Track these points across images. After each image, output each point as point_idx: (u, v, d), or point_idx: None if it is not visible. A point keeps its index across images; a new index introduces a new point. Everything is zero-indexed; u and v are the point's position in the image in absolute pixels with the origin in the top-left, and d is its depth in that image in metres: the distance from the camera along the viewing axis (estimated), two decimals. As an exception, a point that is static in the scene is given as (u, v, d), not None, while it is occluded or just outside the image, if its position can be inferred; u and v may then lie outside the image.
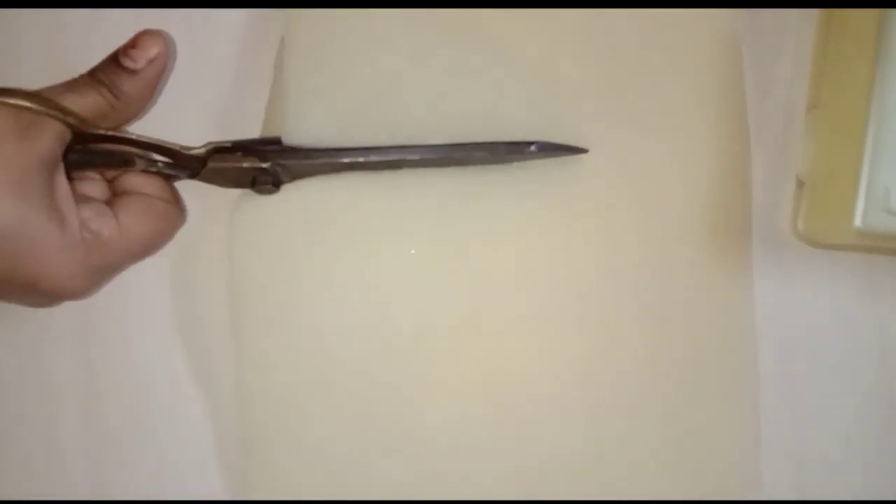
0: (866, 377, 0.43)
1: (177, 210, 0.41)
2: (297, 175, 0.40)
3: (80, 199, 0.38)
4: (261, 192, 0.40)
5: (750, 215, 0.42)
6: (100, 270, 0.38)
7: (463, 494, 0.41)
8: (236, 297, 0.41)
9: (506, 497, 0.41)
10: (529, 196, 0.41)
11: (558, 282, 0.41)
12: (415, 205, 0.41)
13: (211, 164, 0.40)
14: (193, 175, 0.40)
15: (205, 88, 0.43)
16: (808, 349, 0.42)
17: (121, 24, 0.42)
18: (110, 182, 0.40)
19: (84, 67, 0.42)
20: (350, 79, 0.40)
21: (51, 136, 0.36)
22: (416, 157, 0.40)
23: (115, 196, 0.40)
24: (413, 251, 0.41)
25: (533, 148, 0.40)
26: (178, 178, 0.41)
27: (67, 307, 0.42)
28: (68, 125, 0.37)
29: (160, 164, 0.40)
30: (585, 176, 0.41)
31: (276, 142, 0.40)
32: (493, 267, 0.41)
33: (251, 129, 0.42)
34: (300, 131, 0.40)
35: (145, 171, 0.40)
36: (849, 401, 0.43)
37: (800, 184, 0.42)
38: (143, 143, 0.39)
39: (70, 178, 0.37)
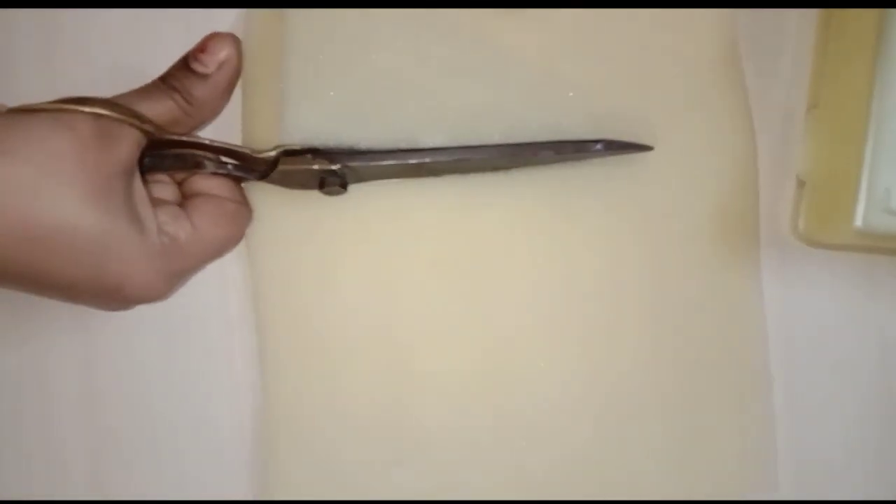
0: (866, 377, 0.42)
1: (247, 211, 0.41)
2: (363, 177, 0.40)
3: (155, 202, 0.37)
4: (329, 193, 0.40)
5: (757, 216, 0.42)
6: (177, 274, 0.38)
7: (468, 497, 0.41)
8: (253, 300, 0.42)
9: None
10: (530, 200, 0.41)
11: (562, 285, 0.41)
12: (420, 214, 0.41)
13: (281, 167, 0.39)
14: (262, 177, 0.40)
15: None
16: (808, 349, 0.42)
17: (120, 25, 0.43)
18: (179, 184, 0.40)
19: (81, 67, 0.42)
20: (348, 79, 0.40)
21: (129, 143, 0.36)
22: (482, 156, 0.40)
23: (185, 198, 0.39)
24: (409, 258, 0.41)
25: (599, 146, 0.40)
26: (246, 179, 0.40)
27: (67, 307, 0.42)
28: (144, 132, 0.37)
29: (230, 167, 0.40)
30: (587, 178, 0.41)
31: (344, 145, 0.40)
32: (496, 272, 0.41)
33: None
34: (297, 132, 0.40)
35: (215, 174, 0.39)
36: (849, 401, 0.42)
37: (800, 184, 0.42)
38: (216, 147, 0.39)
39: (144, 182, 0.37)
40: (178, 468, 0.43)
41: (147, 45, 0.43)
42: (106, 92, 0.36)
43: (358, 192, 0.41)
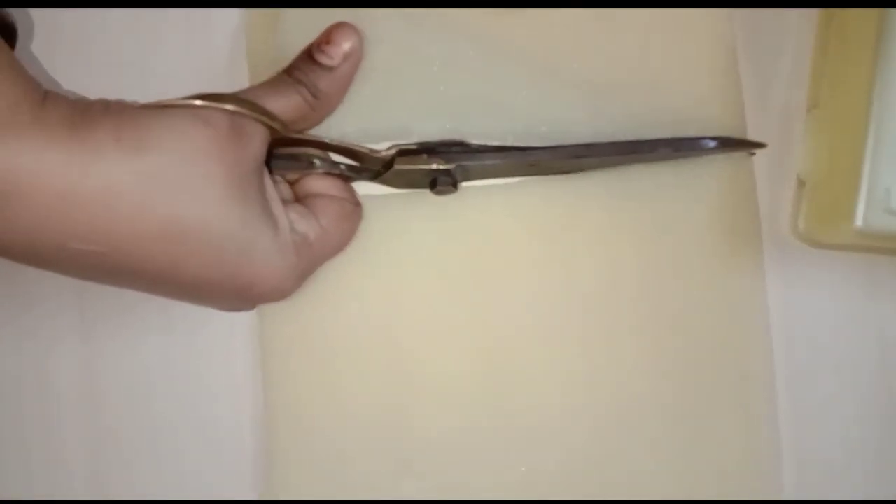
0: (866, 377, 0.42)
1: (360, 211, 0.40)
2: (472, 176, 0.40)
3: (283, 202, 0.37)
4: (440, 193, 0.40)
5: (758, 216, 0.42)
6: (304, 273, 0.38)
7: (469, 498, 0.41)
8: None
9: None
10: (532, 204, 0.41)
11: (564, 287, 0.41)
12: (421, 216, 0.41)
13: (397, 167, 0.39)
14: (374, 177, 0.40)
15: (205, 89, 0.42)
16: (808, 349, 0.42)
17: (120, 25, 0.43)
18: (291, 185, 0.40)
19: (82, 68, 0.42)
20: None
21: (260, 140, 0.36)
22: (599, 152, 0.40)
23: (300, 198, 0.39)
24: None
25: (713, 143, 0.41)
26: (356, 179, 0.40)
27: (67, 307, 0.42)
28: (272, 129, 0.36)
29: (342, 167, 0.40)
30: (586, 179, 0.41)
31: (458, 142, 0.40)
32: (498, 275, 0.41)
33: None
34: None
35: (328, 174, 0.39)
36: (849, 401, 0.42)
37: (800, 184, 0.42)
38: (334, 145, 0.39)
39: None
40: (178, 468, 0.43)
41: (147, 45, 0.43)
42: (105, 92, 0.36)
43: (358, 194, 0.41)
